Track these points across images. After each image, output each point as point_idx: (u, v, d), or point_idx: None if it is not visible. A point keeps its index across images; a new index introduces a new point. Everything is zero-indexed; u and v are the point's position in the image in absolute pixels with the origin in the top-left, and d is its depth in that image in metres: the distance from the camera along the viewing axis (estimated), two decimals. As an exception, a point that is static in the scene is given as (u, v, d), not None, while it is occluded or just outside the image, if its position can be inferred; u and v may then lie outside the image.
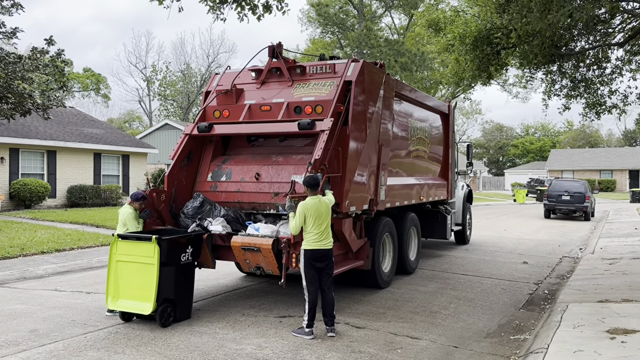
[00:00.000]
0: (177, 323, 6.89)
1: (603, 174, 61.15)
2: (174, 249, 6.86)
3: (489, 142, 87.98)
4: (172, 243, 6.83)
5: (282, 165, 7.96)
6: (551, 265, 12.08)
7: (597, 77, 11.73)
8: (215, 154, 8.71)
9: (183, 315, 7.03)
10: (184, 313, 7.05)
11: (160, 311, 6.68)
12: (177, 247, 6.90)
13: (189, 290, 7.19)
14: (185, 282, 7.07)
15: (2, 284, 9.30)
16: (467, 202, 14.98)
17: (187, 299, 7.14)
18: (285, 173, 7.82)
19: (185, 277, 7.08)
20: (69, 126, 25.52)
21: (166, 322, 6.73)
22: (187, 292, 7.13)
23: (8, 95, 15.47)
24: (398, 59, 36.82)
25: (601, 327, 6.27)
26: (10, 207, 21.11)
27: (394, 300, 8.35)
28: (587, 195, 24.36)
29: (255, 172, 8.07)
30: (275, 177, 7.90)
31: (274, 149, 8.49)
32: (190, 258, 7.11)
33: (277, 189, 7.76)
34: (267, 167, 8.05)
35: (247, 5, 7.57)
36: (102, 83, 66.40)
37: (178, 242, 6.93)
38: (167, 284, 6.78)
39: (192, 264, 7.24)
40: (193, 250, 7.15)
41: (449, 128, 12.99)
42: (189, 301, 7.19)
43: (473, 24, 10.40)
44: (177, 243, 6.91)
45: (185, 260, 7.01)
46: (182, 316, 7.00)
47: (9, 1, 15.62)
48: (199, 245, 7.29)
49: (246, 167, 8.26)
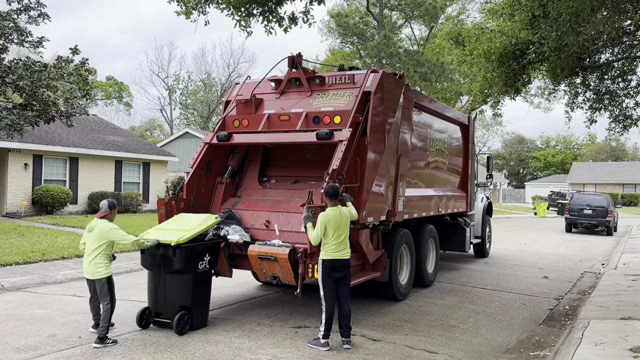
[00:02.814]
0: (194, 331, 6.90)
1: (626, 188, 60.09)
2: (192, 256, 6.83)
3: (509, 154, 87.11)
4: (190, 251, 6.81)
5: (293, 214, 7.62)
6: (572, 280, 11.86)
7: (622, 89, 11.55)
8: (226, 196, 8.53)
9: (199, 323, 7.02)
10: (200, 321, 7.04)
11: (177, 319, 6.68)
12: (194, 255, 6.87)
13: (206, 298, 7.17)
14: (202, 290, 7.05)
15: (23, 288, 9.44)
16: (487, 215, 14.81)
17: (203, 307, 7.12)
18: (296, 221, 7.48)
19: (203, 285, 7.05)
20: (91, 134, 25.93)
21: (183, 330, 6.73)
22: (203, 300, 7.11)
23: (33, 103, 15.80)
24: (418, 69, 36.76)
25: (624, 345, 6.11)
26: (32, 212, 21.47)
27: (411, 313, 8.27)
28: (609, 210, 23.92)
29: (265, 219, 7.82)
30: (285, 226, 7.59)
31: (285, 192, 8.28)
32: (207, 266, 7.08)
33: (288, 239, 7.35)
34: (278, 215, 7.78)
35: (273, 18, 7.59)
36: (124, 91, 67.45)
37: (196, 249, 6.90)
38: (184, 291, 6.80)
39: (209, 272, 7.22)
40: (210, 259, 7.11)
41: (469, 139, 12.89)
42: (205, 309, 7.17)
43: (497, 40, 10.32)
44: (194, 251, 6.88)
45: (202, 268, 6.98)
46: (198, 324, 6.99)
47: (36, 11, 15.99)
48: (216, 253, 7.27)
49: (256, 213, 7.98)
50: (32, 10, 15.95)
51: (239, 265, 7.71)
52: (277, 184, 8.62)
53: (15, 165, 21.12)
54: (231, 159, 8.82)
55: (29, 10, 15.89)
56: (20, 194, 21.23)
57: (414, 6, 38.24)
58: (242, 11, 7.46)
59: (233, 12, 7.44)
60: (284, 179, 8.63)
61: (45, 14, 16.15)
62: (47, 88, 15.72)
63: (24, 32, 15.67)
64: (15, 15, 15.67)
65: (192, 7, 7.43)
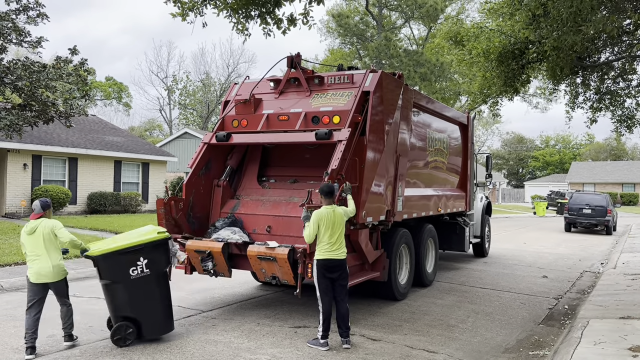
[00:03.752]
0: (192, 331, 6.90)
1: (625, 188, 60.12)
2: (115, 265, 6.21)
3: (508, 153, 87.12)
4: (109, 260, 6.18)
5: (294, 218, 7.58)
6: (571, 279, 11.86)
7: (623, 89, 11.54)
8: (225, 198, 8.49)
9: (152, 332, 6.44)
10: (153, 330, 6.44)
11: (113, 331, 6.26)
12: (119, 263, 6.22)
13: (155, 305, 6.44)
14: (144, 297, 6.34)
15: (22, 288, 9.42)
16: (486, 214, 14.81)
17: (154, 314, 6.44)
18: (297, 226, 7.37)
19: (144, 292, 6.32)
20: (90, 134, 25.92)
21: (120, 341, 6.22)
22: (152, 307, 6.42)
23: (32, 103, 15.80)
24: (417, 69, 36.77)
25: (623, 344, 6.12)
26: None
27: (411, 313, 8.26)
28: (608, 209, 23.94)
29: (266, 223, 7.83)
30: (287, 231, 7.56)
31: (285, 191, 8.27)
32: (146, 270, 6.31)
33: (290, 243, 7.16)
34: (279, 219, 7.75)
35: (272, 20, 7.56)
36: (124, 92, 67.43)
37: (119, 257, 6.20)
38: (120, 301, 6.29)
39: (153, 276, 6.39)
40: (150, 261, 6.33)
41: (468, 139, 12.89)
42: (157, 317, 6.47)
43: (496, 40, 10.32)
44: (116, 259, 6.20)
45: (137, 275, 6.27)
46: (150, 333, 6.43)
47: (35, 11, 15.99)
48: (161, 253, 6.51)
49: (257, 217, 7.96)
50: (30, 11, 15.95)
51: (238, 266, 7.70)
52: (276, 183, 8.62)
53: (14, 165, 21.10)
54: (230, 158, 8.81)
55: (27, 11, 15.89)
56: (20, 194, 21.22)
57: (415, 7, 38.26)
58: (239, 13, 7.43)
59: (231, 14, 7.42)
60: (283, 179, 8.63)
61: (44, 14, 16.15)
62: (46, 88, 15.72)
63: (23, 32, 15.67)
64: (14, 15, 15.66)
65: (189, 9, 7.40)
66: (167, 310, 6.62)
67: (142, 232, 6.57)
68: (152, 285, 6.41)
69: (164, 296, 6.58)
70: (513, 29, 9.88)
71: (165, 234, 6.63)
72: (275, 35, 7.83)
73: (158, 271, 6.50)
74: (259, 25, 7.59)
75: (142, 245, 6.35)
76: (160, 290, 6.54)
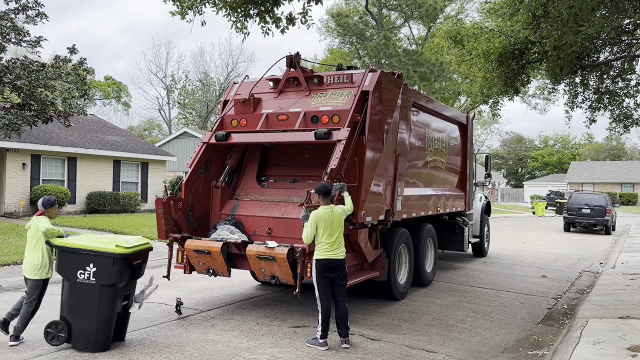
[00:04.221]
0: (191, 331, 6.89)
1: (624, 187, 60.15)
2: (68, 262, 6.06)
3: (508, 153, 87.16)
4: (65, 253, 6.06)
5: (294, 220, 7.57)
6: (571, 279, 11.87)
7: (622, 89, 11.54)
8: (224, 199, 8.45)
9: (80, 343, 6.05)
10: (80, 339, 6.05)
11: (48, 324, 6.11)
12: (71, 261, 6.05)
13: (90, 319, 6.01)
14: (80, 303, 6.03)
15: (21, 288, 9.40)
16: (485, 214, 14.81)
17: (86, 323, 6.02)
18: (298, 228, 7.35)
19: (82, 298, 6.02)
20: (89, 133, 25.89)
21: (53, 340, 6.06)
22: (86, 315, 6.02)
23: (31, 103, 15.77)
24: (417, 69, 36.77)
25: (622, 344, 6.12)
26: (30, 212, 21.42)
27: (410, 313, 8.26)
28: (608, 209, 23.95)
29: (267, 225, 7.82)
30: (288, 233, 7.55)
31: (284, 191, 8.24)
32: (92, 279, 5.97)
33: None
34: (279, 221, 7.74)
35: (270, 19, 7.55)
36: (123, 91, 67.41)
37: (72, 255, 6.03)
38: (63, 298, 6.15)
39: (96, 286, 5.98)
40: (98, 271, 5.97)
41: (467, 139, 12.89)
42: (90, 326, 6.01)
43: (496, 40, 10.32)
44: (70, 257, 6.04)
45: (83, 279, 5.98)
46: (77, 342, 6.07)
47: (34, 11, 15.97)
48: (115, 269, 6.00)
49: (257, 219, 7.94)
50: (29, 10, 15.93)
51: (237, 265, 7.69)
52: (275, 183, 8.61)
53: (13, 165, 21.08)
54: (229, 158, 8.80)
55: (26, 10, 15.87)
56: (18, 193, 21.20)
57: (414, 7, 38.26)
58: (238, 12, 7.43)
59: (230, 12, 7.41)
60: (283, 179, 8.62)
61: (43, 14, 16.13)
62: (45, 88, 15.69)
63: (22, 31, 15.64)
64: (13, 14, 15.64)
65: (188, 7, 7.39)
66: (104, 329, 6.04)
67: (107, 240, 6.25)
68: (93, 296, 5.98)
69: (103, 313, 6.00)
70: (513, 29, 9.87)
71: (128, 250, 6.07)
72: (274, 34, 7.83)
73: (104, 284, 5.98)
74: (258, 24, 7.58)
75: (95, 252, 5.99)
76: (100, 305, 5.98)
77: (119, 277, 6.06)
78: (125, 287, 6.26)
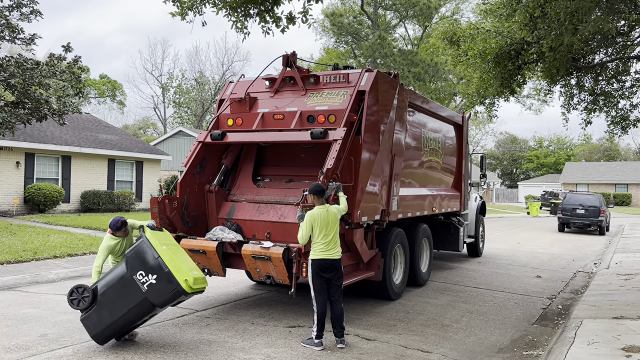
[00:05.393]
0: (186, 331, 6.87)
1: (618, 188, 60.42)
2: (144, 257, 6.04)
3: (502, 153, 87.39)
4: (147, 248, 6.02)
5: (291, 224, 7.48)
6: (565, 279, 11.90)
7: (617, 90, 11.57)
8: (219, 202, 8.33)
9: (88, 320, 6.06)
10: (90, 320, 6.06)
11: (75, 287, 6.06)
12: (146, 259, 6.04)
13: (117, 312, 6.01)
14: (119, 297, 6.01)
15: (14, 287, 9.36)
16: (480, 214, 14.84)
17: (108, 314, 6.02)
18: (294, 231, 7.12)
19: (123, 294, 6.00)
20: (84, 132, 25.79)
21: (73, 301, 6.04)
22: (113, 309, 6.02)
23: (25, 101, 15.69)
24: (412, 69, 36.83)
25: (616, 344, 6.14)
26: (24, 211, 21.32)
27: (405, 313, 8.26)
28: (602, 209, 24.05)
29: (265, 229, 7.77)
30: (286, 236, 7.47)
31: (280, 191, 8.20)
32: (145, 287, 5.96)
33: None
34: (276, 225, 7.71)
35: (271, 18, 7.52)
36: (118, 90, 67.16)
37: (152, 255, 6.01)
38: (109, 277, 6.15)
39: (142, 295, 5.98)
40: (154, 285, 5.94)
41: (463, 139, 12.91)
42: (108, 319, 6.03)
43: (492, 41, 10.33)
44: (150, 255, 6.02)
45: (138, 280, 5.99)
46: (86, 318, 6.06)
47: (28, 8, 15.88)
48: (168, 295, 5.96)
49: (255, 223, 7.87)
50: (24, 7, 15.83)
51: (232, 265, 7.67)
52: (271, 183, 8.58)
53: (7, 163, 20.97)
54: (225, 157, 8.77)
55: (21, 7, 15.78)
56: (12, 192, 21.09)
57: (409, 6, 38.30)
58: (238, 12, 7.40)
59: (230, 12, 7.38)
60: (278, 178, 8.59)
61: (38, 11, 16.04)
62: (39, 86, 15.61)
63: (16, 29, 15.55)
64: (7, 12, 15.55)
65: (188, 8, 7.36)
66: (116, 329, 6.05)
67: (182, 266, 6.14)
68: (132, 300, 5.99)
69: (126, 318, 6.02)
70: (510, 29, 9.89)
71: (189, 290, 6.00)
72: (274, 33, 7.81)
73: (149, 299, 5.97)
74: (258, 23, 7.56)
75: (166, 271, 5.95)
76: (131, 311, 6.00)
77: (164, 304, 6.08)
78: (157, 311, 6.30)
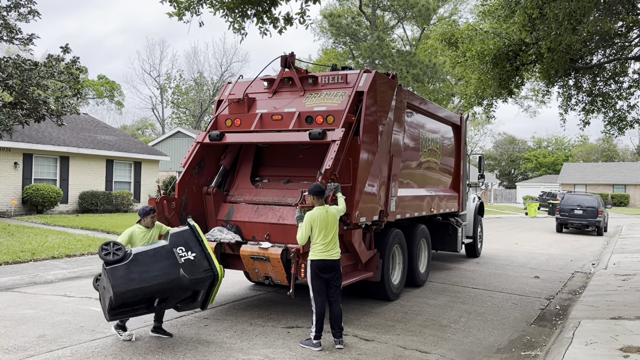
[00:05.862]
0: (184, 332, 6.86)
1: (616, 189, 60.52)
2: (190, 238, 6.31)
3: (500, 154, 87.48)
4: (193, 231, 6.36)
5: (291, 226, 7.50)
6: (563, 280, 11.92)
7: (615, 91, 11.60)
8: (217, 203, 8.33)
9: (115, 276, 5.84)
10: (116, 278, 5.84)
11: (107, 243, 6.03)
12: (191, 240, 6.33)
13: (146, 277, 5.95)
14: (154, 263, 6.05)
15: (13, 288, 9.34)
16: (479, 215, 14.85)
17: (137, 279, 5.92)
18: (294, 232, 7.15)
19: (159, 262, 6.07)
20: (82, 132, 25.75)
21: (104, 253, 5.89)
22: (144, 271, 5.97)
23: (23, 101, 15.68)
24: (410, 70, 36.84)
25: (614, 344, 6.15)
26: (22, 211, 21.29)
27: (403, 313, 8.27)
28: (600, 210, 24.09)
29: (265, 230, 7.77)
30: (286, 238, 7.45)
31: (278, 192, 8.21)
32: (182, 260, 6.13)
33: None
34: (275, 227, 7.71)
35: (268, 19, 7.51)
36: (116, 90, 67.07)
37: (195, 237, 6.33)
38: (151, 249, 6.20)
39: (177, 267, 6.10)
40: (191, 261, 6.18)
41: (461, 139, 12.92)
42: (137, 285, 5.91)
43: (491, 42, 10.35)
44: (194, 236, 6.34)
45: (176, 252, 6.17)
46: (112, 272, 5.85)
47: (26, 8, 15.86)
48: (202, 273, 6.26)
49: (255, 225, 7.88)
50: (22, 7, 15.82)
51: (231, 266, 7.67)
52: (269, 183, 8.58)
53: (5, 164, 20.93)
54: (223, 158, 8.77)
55: (18, 7, 15.76)
56: (10, 193, 21.05)
57: (407, 7, 38.31)
58: (236, 12, 7.40)
59: (227, 13, 7.38)
60: (277, 179, 8.59)
61: (36, 11, 16.04)
62: (37, 87, 15.60)
63: (14, 29, 15.54)
64: (5, 12, 15.53)
65: (185, 8, 7.36)
66: (137, 297, 5.93)
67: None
68: (167, 269, 6.03)
69: (153, 285, 5.93)
70: (508, 30, 9.90)
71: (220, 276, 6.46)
72: (271, 34, 7.80)
73: (184, 271, 6.07)
74: (255, 24, 7.55)
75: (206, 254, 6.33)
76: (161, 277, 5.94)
77: (192, 281, 6.12)
78: (180, 295, 6.22)
